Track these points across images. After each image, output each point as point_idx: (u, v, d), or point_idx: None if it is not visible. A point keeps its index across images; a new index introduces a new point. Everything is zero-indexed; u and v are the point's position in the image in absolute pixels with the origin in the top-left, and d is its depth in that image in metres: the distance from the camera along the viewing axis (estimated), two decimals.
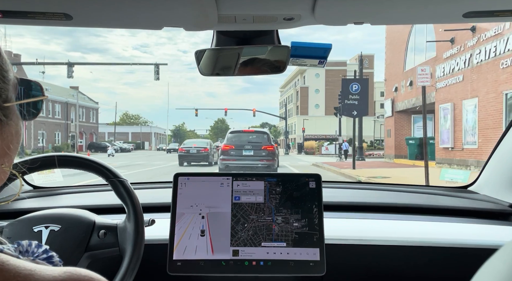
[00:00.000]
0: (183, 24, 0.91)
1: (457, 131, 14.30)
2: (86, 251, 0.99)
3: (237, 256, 1.08)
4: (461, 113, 13.97)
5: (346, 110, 16.40)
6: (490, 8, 0.82)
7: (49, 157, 1.01)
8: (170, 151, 37.13)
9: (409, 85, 18.21)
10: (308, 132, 46.14)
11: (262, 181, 1.14)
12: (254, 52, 1.02)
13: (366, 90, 16.37)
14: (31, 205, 1.37)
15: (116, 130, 59.19)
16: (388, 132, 21.41)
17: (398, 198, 1.47)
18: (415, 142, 18.26)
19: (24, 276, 0.38)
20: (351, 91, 16.18)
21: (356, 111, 16.13)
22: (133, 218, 0.99)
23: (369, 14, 0.87)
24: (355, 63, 59.19)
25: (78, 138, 42.23)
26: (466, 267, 0.84)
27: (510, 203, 1.35)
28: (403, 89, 19.08)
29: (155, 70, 22.05)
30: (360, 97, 16.14)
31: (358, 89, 16.20)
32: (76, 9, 0.80)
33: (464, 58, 13.77)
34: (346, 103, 16.30)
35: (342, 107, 16.64)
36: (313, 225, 1.09)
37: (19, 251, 0.46)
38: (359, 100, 16.11)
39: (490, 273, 0.36)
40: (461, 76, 14.01)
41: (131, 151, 43.78)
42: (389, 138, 21.19)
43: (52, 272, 0.40)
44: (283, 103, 61.48)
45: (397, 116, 20.24)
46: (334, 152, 31.58)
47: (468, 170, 12.21)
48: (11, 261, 0.39)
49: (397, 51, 19.62)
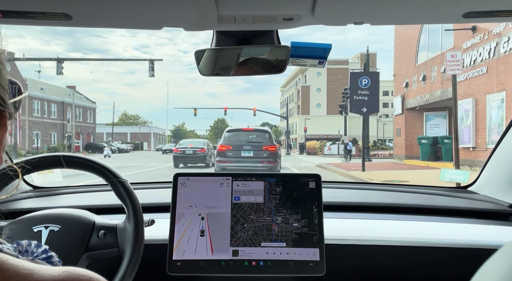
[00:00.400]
0: (183, 24, 0.92)
1: (479, 129, 12.75)
2: (85, 251, 0.99)
3: (237, 256, 1.08)
4: (484, 109, 12.44)
5: (355, 107, 14.85)
6: (490, 8, 0.82)
7: (50, 157, 1.02)
8: (166, 152, 34.93)
9: (422, 80, 16.67)
10: (309, 132, 46.10)
11: (262, 181, 1.14)
12: (254, 52, 1.04)
13: (377, 84, 14.82)
14: (30, 205, 1.36)
15: (115, 131, 58.57)
16: (397, 131, 19.87)
17: (398, 198, 1.47)
18: (428, 142, 16.78)
19: (23, 275, 0.38)
20: (360, 86, 14.66)
21: (366, 107, 14.60)
22: (133, 218, 0.99)
23: (369, 14, 0.87)
24: (357, 61, 58.05)
25: (74, 139, 41.65)
26: (466, 267, 0.83)
27: (510, 204, 1.35)
28: (415, 84, 17.54)
29: (150, 66, 21.17)
30: (370, 92, 14.60)
31: (368, 83, 14.67)
32: (76, 9, 0.81)
33: (489, 48, 12.23)
34: (354, 99, 14.77)
35: (351, 103, 15.12)
36: (313, 225, 1.09)
37: (18, 250, 0.46)
38: (369, 95, 14.56)
39: (490, 273, 0.36)
40: (484, 68, 12.47)
41: (129, 152, 43.12)
42: (399, 138, 19.66)
43: (51, 271, 0.40)
44: (284, 103, 60.58)
45: (408, 113, 18.70)
46: (337, 153, 30.93)
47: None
48: (10, 261, 0.39)
49: (408, 44, 18.15)
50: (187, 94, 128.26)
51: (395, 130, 20.59)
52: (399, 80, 19.57)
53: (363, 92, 14.76)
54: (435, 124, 17.96)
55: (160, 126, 75.42)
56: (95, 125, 49.64)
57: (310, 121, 49.54)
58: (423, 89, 16.90)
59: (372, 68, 28.28)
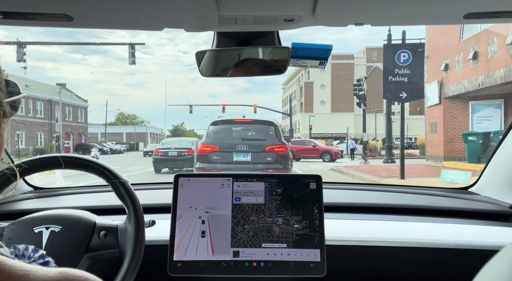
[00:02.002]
0: (183, 25, 0.91)
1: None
2: (86, 252, 1.00)
3: (238, 257, 1.08)
4: None
5: (391, 92, 10.72)
6: (491, 9, 0.82)
7: (50, 158, 1.02)
8: (149, 153, 29.53)
9: (472, 59, 12.25)
10: (313, 131, 42.69)
11: (262, 182, 1.14)
12: (255, 53, 1.04)
13: (421, 61, 10.52)
14: (31, 206, 1.36)
15: (110, 130, 54.93)
16: (432, 126, 15.61)
17: (399, 199, 1.47)
18: (477, 139, 12.65)
19: (19, 276, 0.38)
20: (398, 62, 10.41)
21: (406, 92, 10.31)
22: (134, 219, 0.99)
23: (369, 15, 0.87)
24: (363, 56, 53.63)
25: (63, 139, 37.58)
26: (467, 269, 0.83)
27: (510, 204, 1.35)
28: (460, 65, 13.21)
29: (130, 52, 17.94)
30: (412, 71, 10.32)
31: (409, 59, 10.47)
32: (77, 10, 0.81)
33: None
34: (390, 82, 10.52)
35: (384, 88, 10.86)
36: (313, 226, 1.10)
37: (15, 254, 0.46)
38: (410, 76, 10.27)
39: (491, 275, 0.36)
40: None
41: (123, 153, 41.71)
42: (434, 134, 15.46)
43: (47, 272, 0.40)
44: (286, 100, 57.00)
45: (448, 103, 14.49)
46: (346, 152, 28.54)
47: None
48: (6, 262, 0.39)
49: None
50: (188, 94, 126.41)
51: (428, 124, 16.31)
52: (434, 63, 15.35)
53: (402, 71, 10.52)
54: (485, 117, 13.84)
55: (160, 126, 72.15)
56: (86, 124, 47.93)
57: (314, 118, 46.63)
58: (473, 70, 12.75)
59: (379, 63, 23.49)
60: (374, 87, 33.31)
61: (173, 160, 13.11)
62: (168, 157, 13.11)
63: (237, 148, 7.38)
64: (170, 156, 13.08)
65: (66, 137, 40.66)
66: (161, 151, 13.30)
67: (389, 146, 16.58)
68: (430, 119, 16.50)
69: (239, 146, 7.40)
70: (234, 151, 7.34)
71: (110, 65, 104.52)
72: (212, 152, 7.28)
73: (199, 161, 7.39)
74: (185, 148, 13.22)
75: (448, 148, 15.12)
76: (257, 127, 8.17)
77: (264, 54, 1.01)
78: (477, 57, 12.85)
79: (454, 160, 14.30)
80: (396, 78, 10.88)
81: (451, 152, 15.00)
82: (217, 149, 7.31)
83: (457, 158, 14.37)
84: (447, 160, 14.62)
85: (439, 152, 15.63)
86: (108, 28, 0.93)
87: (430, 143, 16.69)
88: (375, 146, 28.75)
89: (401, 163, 10.74)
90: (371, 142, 27.70)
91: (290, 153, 8.04)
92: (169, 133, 66.72)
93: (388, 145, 16.57)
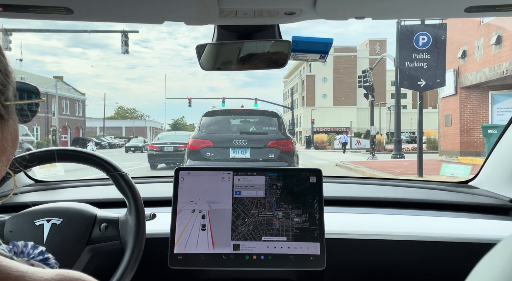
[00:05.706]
0: (184, 18, 0.91)
1: None
2: (88, 244, 1.01)
3: (238, 250, 1.09)
4: None
5: (408, 80, 9.44)
6: (492, 2, 0.82)
7: (48, 151, 1.02)
8: (131, 149, 27.77)
9: (494, 44, 11.00)
10: (316, 125, 41.10)
11: (263, 175, 1.14)
12: (255, 47, 1.04)
13: (443, 44, 9.29)
14: (32, 198, 1.37)
15: (109, 125, 53.71)
16: (446, 119, 14.29)
17: (398, 193, 1.48)
18: (498, 132, 10.91)
19: (15, 277, 0.38)
20: (417, 46, 9.19)
21: (425, 80, 9.12)
22: (134, 211, 1.00)
23: (370, 9, 0.87)
24: (366, 48, 52.18)
25: (60, 133, 36.62)
26: (466, 262, 0.84)
27: (510, 198, 1.35)
28: (480, 51, 11.96)
29: (123, 41, 17.00)
30: (432, 56, 9.13)
31: (428, 43, 9.25)
32: (77, 3, 0.82)
33: None
34: (407, 68, 9.31)
35: (400, 75, 9.63)
36: (313, 220, 1.10)
37: (14, 251, 0.46)
38: (429, 61, 9.08)
39: (489, 267, 0.36)
40: None
41: (121, 147, 40.51)
42: (449, 127, 14.28)
43: (44, 274, 0.40)
44: (288, 94, 55.75)
45: (465, 94, 13.22)
46: (349, 147, 28.40)
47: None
48: (3, 262, 0.39)
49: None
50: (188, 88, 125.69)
51: (442, 117, 15.08)
52: (449, 50, 13.91)
53: (421, 56, 9.28)
54: (506, 108, 12.61)
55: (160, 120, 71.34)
56: (84, 118, 47.50)
57: (317, 112, 45.23)
58: (495, 56, 11.43)
59: (382, 55, 22.10)
60: (377, 80, 32.19)
61: (169, 156, 12.45)
62: (164, 153, 12.45)
63: (234, 143, 6.26)
64: (166, 152, 12.41)
65: (63, 131, 40.26)
66: (157, 146, 12.58)
67: (398, 140, 15.43)
68: (443, 111, 15.23)
69: (237, 140, 6.28)
70: (230, 146, 6.24)
71: (110, 59, 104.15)
72: (205, 147, 6.17)
73: (190, 158, 6.29)
74: (182, 143, 12.13)
75: (465, 142, 13.89)
76: (258, 119, 6.93)
77: (265, 48, 1.02)
78: (501, 42, 11.57)
79: (471, 155, 13.11)
80: (414, 64, 9.66)
81: (467, 146, 13.80)
82: (211, 144, 6.20)
83: (474, 153, 13.22)
84: (464, 156, 13.46)
85: (454, 147, 14.40)
86: (108, 21, 0.93)
87: (444, 137, 15.42)
88: (380, 140, 27.76)
89: (418, 160, 9.65)
90: (378, 136, 26.73)
91: (296, 148, 6.87)
92: (169, 127, 66.10)
93: (397, 139, 15.42)
